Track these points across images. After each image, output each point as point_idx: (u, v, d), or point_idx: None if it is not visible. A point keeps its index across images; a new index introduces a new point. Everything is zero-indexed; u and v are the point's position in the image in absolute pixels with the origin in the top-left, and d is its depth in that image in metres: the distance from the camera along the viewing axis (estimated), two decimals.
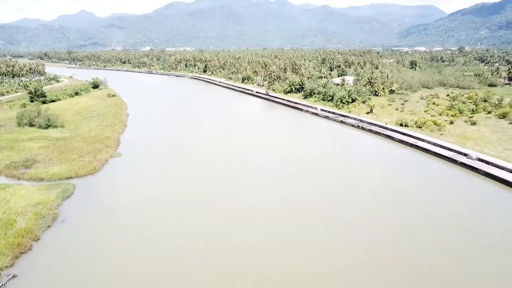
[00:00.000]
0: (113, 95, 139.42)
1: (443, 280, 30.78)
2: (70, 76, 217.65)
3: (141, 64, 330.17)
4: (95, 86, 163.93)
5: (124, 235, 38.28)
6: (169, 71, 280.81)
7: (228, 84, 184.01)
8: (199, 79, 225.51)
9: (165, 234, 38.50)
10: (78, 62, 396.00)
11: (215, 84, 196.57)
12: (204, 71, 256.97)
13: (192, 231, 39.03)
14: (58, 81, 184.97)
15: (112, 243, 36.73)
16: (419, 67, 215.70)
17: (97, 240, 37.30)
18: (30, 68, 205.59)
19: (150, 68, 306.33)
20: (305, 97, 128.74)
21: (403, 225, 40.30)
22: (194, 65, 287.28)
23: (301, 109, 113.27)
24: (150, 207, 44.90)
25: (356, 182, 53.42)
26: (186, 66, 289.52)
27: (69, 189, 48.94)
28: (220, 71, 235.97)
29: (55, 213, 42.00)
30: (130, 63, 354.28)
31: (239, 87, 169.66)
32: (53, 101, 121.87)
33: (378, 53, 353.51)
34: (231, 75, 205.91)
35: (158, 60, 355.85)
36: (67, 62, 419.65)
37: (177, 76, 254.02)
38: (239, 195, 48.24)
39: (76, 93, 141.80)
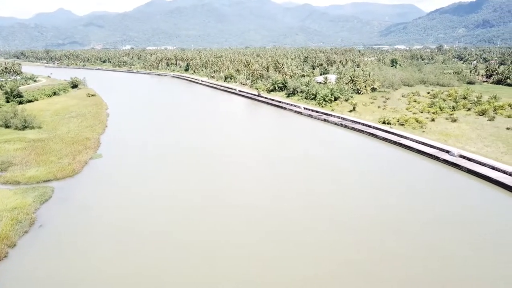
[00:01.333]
0: (93, 95, 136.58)
1: (429, 278, 30.75)
2: (48, 76, 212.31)
3: (122, 63, 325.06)
4: (74, 85, 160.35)
5: (104, 240, 37.09)
6: (150, 70, 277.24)
7: (211, 83, 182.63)
8: (180, 78, 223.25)
9: (148, 237, 37.48)
10: (56, 61, 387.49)
11: (197, 83, 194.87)
12: (186, 70, 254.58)
13: (176, 234, 38.12)
14: (35, 81, 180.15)
15: (92, 248, 35.52)
16: (400, 65, 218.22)
17: (76, 245, 36.04)
18: (6, 68, 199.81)
19: (130, 67, 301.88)
20: (288, 95, 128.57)
21: (388, 222, 40.22)
22: (176, 64, 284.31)
23: (285, 108, 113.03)
24: (132, 210, 43.74)
25: (341, 181, 53.27)
26: (167, 65, 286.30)
27: (47, 192, 47.32)
28: (202, 70, 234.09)
29: (33, 218, 40.47)
30: (110, 62, 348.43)
31: (221, 86, 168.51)
32: (30, 101, 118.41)
33: (359, 51, 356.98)
34: (214, 74, 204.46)
35: (139, 59, 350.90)
36: (45, 61, 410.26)
37: (158, 75, 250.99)
38: (224, 196, 47.48)
39: (54, 93, 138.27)
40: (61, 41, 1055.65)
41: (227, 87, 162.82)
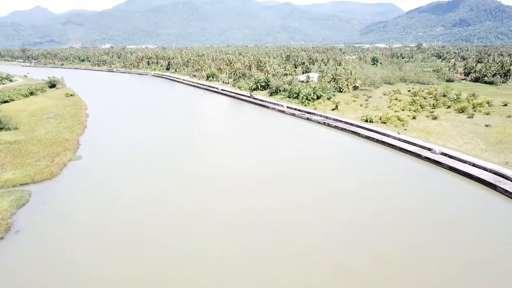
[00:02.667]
0: (71, 95, 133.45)
1: (411, 275, 30.82)
2: (25, 75, 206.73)
3: (101, 62, 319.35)
4: (52, 85, 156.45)
5: (84, 245, 35.94)
6: (131, 69, 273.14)
7: (192, 82, 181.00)
8: (162, 77, 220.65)
9: (129, 241, 36.50)
10: (33, 61, 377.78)
11: (178, 82, 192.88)
12: (167, 69, 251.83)
13: (158, 236, 37.25)
14: (11, 81, 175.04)
15: (71, 255, 34.37)
16: (381, 63, 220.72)
17: (54, 252, 34.83)
18: None
19: (110, 66, 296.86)
20: (271, 94, 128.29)
21: (374, 222, 40.25)
22: (157, 62, 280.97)
23: (268, 107, 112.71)
24: (112, 214, 42.59)
25: (325, 181, 53.14)
26: (148, 64, 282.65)
27: (24, 196, 45.71)
28: (183, 69, 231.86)
29: (9, 223, 38.94)
30: (89, 61, 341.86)
31: (203, 85, 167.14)
32: (5, 101, 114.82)
33: (340, 49, 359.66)
34: (195, 73, 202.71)
35: (119, 58, 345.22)
36: (21, 60, 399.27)
37: (139, 74, 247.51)
38: (208, 198, 46.75)
39: (31, 93, 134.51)
40: (38, 39, 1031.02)
41: (209, 86, 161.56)
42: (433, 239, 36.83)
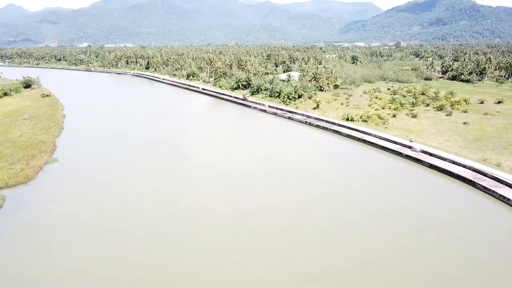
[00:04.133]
0: (47, 95, 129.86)
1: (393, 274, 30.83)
2: None
3: (79, 62, 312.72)
4: (27, 85, 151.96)
5: (61, 254, 34.69)
6: (109, 68, 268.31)
7: (172, 81, 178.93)
8: (141, 76, 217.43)
9: (106, 247, 35.41)
10: (7, 60, 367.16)
11: (158, 81, 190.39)
12: (147, 68, 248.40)
13: (138, 242, 36.27)
14: None
15: (47, 264, 33.11)
16: (360, 62, 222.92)
17: (30, 261, 33.47)
18: None
19: (88, 66, 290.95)
20: (253, 93, 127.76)
21: (356, 221, 40.23)
22: (136, 62, 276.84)
23: (249, 106, 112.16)
24: (91, 219, 41.31)
25: (309, 181, 52.93)
26: (127, 63, 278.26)
27: None
28: (163, 68, 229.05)
29: None
30: (66, 60, 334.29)
31: (184, 84, 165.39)
32: None
33: (321, 48, 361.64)
34: (175, 72, 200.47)
35: (97, 57, 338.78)
36: None
37: (118, 73, 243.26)
38: (187, 199, 45.91)
39: (5, 94, 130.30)
40: (12, 38, 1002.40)
41: (189, 85, 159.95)
42: (417, 238, 36.98)
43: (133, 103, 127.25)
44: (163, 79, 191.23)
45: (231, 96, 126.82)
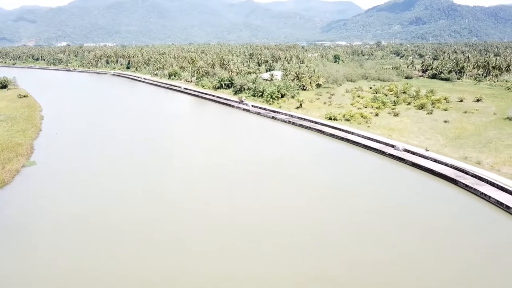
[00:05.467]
0: (24, 96, 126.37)
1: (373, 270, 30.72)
2: None
3: (57, 61, 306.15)
4: (3, 86, 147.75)
5: (39, 262, 33.44)
6: (89, 68, 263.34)
7: (154, 81, 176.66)
8: (122, 76, 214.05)
9: (85, 254, 34.29)
10: None
11: (139, 81, 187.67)
12: (128, 68, 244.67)
13: (116, 247, 35.25)
14: None
15: (25, 269, 31.83)
16: (342, 61, 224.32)
17: (7, 269, 32.13)
18: None
19: (67, 65, 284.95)
20: (235, 93, 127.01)
21: (340, 219, 40.08)
22: (116, 61, 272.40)
23: (232, 106, 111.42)
24: (70, 225, 40.03)
25: (294, 181, 52.62)
26: (107, 63, 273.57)
27: None
28: (144, 67, 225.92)
29: None
30: (44, 60, 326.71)
31: (165, 84, 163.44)
32: None
33: (303, 47, 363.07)
34: (157, 71, 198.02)
35: (76, 56, 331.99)
36: None
37: (98, 73, 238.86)
38: (174, 201, 45.01)
39: None
40: None
41: (171, 85, 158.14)
42: (401, 237, 37.02)
43: (114, 103, 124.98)
44: (144, 78, 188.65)
45: (214, 96, 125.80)
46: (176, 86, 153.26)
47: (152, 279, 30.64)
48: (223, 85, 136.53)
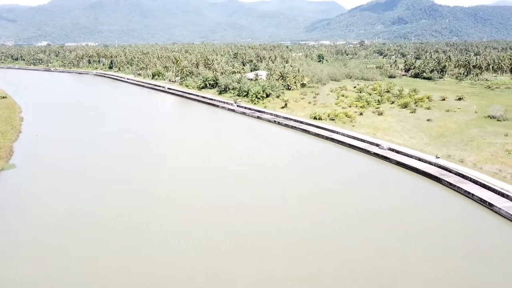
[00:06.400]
0: (3, 97, 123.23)
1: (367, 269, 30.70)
2: None
3: (37, 61, 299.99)
4: None
5: (20, 266, 32.38)
6: (70, 68, 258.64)
7: (137, 81, 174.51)
8: (104, 76, 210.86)
9: (68, 261, 33.38)
10: None
11: (122, 81, 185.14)
12: (110, 68, 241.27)
13: (98, 255, 34.42)
14: None
15: (6, 278, 30.77)
16: (326, 60, 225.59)
17: None
18: None
19: (48, 65, 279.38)
20: (220, 92, 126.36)
21: (326, 218, 39.99)
22: (99, 61, 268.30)
23: (217, 106, 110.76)
24: (50, 230, 38.95)
25: (281, 180, 52.38)
26: (89, 63, 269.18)
27: None
28: (127, 67, 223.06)
29: None
30: (24, 60, 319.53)
31: (149, 84, 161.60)
32: None
33: (287, 47, 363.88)
34: (140, 71, 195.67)
35: (57, 56, 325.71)
36: None
37: (79, 73, 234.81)
38: (161, 203, 44.26)
39: None
40: None
41: (155, 85, 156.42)
42: (388, 237, 37.11)
43: (96, 104, 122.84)
44: (127, 78, 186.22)
45: (198, 96, 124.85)
46: (160, 86, 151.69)
47: (136, 278, 30.00)
48: (208, 85, 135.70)
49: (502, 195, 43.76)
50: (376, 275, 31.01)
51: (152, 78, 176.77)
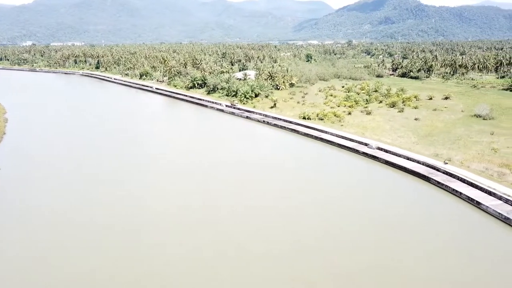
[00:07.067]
0: None
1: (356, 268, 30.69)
2: None
3: (22, 61, 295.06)
4: None
5: (5, 273, 31.63)
6: (56, 68, 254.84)
7: (125, 81, 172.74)
8: (91, 76, 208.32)
9: (51, 271, 32.72)
10: None
11: (110, 81, 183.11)
12: (97, 68, 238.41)
13: (78, 257, 33.81)
14: None
15: None
16: (315, 60, 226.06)
17: None
18: None
19: (33, 65, 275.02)
20: (209, 92, 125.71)
21: (314, 217, 39.95)
22: (85, 61, 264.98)
23: (206, 106, 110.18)
24: (34, 233, 38.19)
25: (271, 180, 52.17)
26: (75, 63, 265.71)
27: None
28: (114, 67, 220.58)
29: None
30: (8, 60, 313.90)
31: (137, 84, 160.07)
32: None
33: (275, 46, 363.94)
34: (127, 71, 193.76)
35: (42, 56, 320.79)
36: None
37: (65, 73, 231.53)
38: (139, 207, 43.71)
39: None
40: None
41: (143, 85, 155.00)
42: (378, 236, 37.19)
43: (83, 105, 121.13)
44: (114, 79, 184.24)
45: (186, 96, 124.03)
46: (147, 86, 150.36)
47: (125, 278, 29.55)
48: (196, 85, 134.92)
49: (489, 193, 44.23)
50: (362, 274, 31.01)
51: (139, 78, 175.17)
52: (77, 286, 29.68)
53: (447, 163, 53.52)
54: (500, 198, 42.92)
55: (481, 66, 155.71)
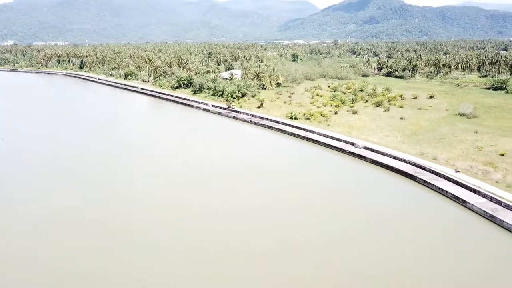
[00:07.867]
0: None
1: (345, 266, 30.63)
2: None
3: (3, 61, 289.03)
4: None
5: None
6: (39, 68, 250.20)
7: (109, 81, 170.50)
8: (75, 77, 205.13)
9: (36, 276, 31.92)
10: None
11: (94, 81, 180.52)
12: (81, 68, 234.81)
13: (63, 259, 33.09)
14: None
15: None
16: (301, 59, 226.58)
17: None
18: None
19: (14, 66, 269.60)
20: (195, 92, 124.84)
21: (303, 218, 39.85)
22: (69, 61, 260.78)
23: (192, 106, 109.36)
24: (11, 237, 37.21)
25: (256, 180, 51.98)
26: (58, 63, 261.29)
27: None
28: (99, 67, 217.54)
29: None
30: None
31: (121, 84, 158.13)
32: None
33: (261, 46, 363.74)
34: (112, 71, 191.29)
35: (24, 56, 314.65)
36: None
37: (48, 73, 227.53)
38: (127, 206, 43.01)
39: None
40: None
41: (128, 85, 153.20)
42: (365, 236, 37.24)
43: (66, 106, 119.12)
44: (99, 79, 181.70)
45: (172, 96, 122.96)
46: (132, 87, 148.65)
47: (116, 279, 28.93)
48: (182, 85, 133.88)
49: (475, 191, 44.75)
50: (349, 273, 30.97)
51: (124, 78, 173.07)
52: (77, 286, 28.92)
53: (458, 171, 50.69)
54: (484, 196, 43.47)
55: (464, 65, 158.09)
